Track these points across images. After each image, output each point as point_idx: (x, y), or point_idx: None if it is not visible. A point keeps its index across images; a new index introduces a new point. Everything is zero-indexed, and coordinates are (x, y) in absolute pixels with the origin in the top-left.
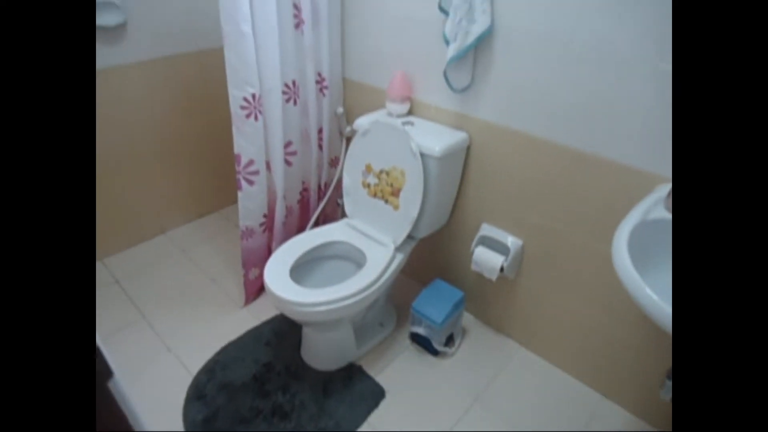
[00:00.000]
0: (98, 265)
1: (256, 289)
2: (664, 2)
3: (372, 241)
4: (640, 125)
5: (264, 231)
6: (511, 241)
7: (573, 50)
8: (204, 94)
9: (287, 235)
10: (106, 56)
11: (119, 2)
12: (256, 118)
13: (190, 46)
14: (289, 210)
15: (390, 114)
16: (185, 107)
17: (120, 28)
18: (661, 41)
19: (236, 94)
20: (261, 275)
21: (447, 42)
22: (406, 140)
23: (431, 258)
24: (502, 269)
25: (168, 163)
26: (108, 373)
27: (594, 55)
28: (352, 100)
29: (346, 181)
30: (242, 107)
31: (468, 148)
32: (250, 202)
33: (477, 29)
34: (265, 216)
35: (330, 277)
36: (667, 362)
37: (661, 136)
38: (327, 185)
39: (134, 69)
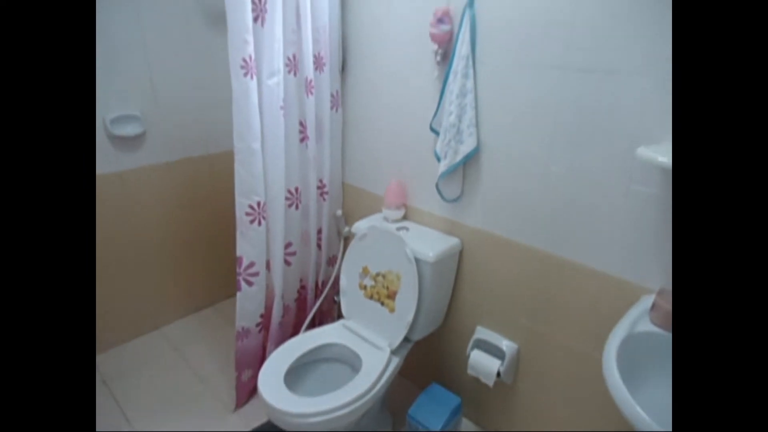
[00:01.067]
0: None
1: (248, 391)
2: (626, 131)
3: (368, 344)
4: (620, 238)
5: (260, 331)
6: (506, 344)
7: (551, 170)
8: (207, 193)
9: (283, 334)
10: (124, 161)
11: (141, 115)
12: (259, 223)
13: (201, 150)
14: (286, 309)
15: (386, 219)
16: (188, 205)
17: (139, 137)
18: (628, 167)
19: (242, 202)
20: (254, 376)
21: (438, 158)
22: (402, 246)
23: (427, 359)
24: (498, 374)
25: (166, 258)
26: None
27: (571, 175)
28: (350, 203)
29: (344, 282)
30: (247, 213)
31: (460, 253)
32: (249, 303)
33: (465, 149)
34: (262, 316)
35: (325, 381)
36: None
37: (640, 250)
38: (324, 283)
39: (148, 171)
